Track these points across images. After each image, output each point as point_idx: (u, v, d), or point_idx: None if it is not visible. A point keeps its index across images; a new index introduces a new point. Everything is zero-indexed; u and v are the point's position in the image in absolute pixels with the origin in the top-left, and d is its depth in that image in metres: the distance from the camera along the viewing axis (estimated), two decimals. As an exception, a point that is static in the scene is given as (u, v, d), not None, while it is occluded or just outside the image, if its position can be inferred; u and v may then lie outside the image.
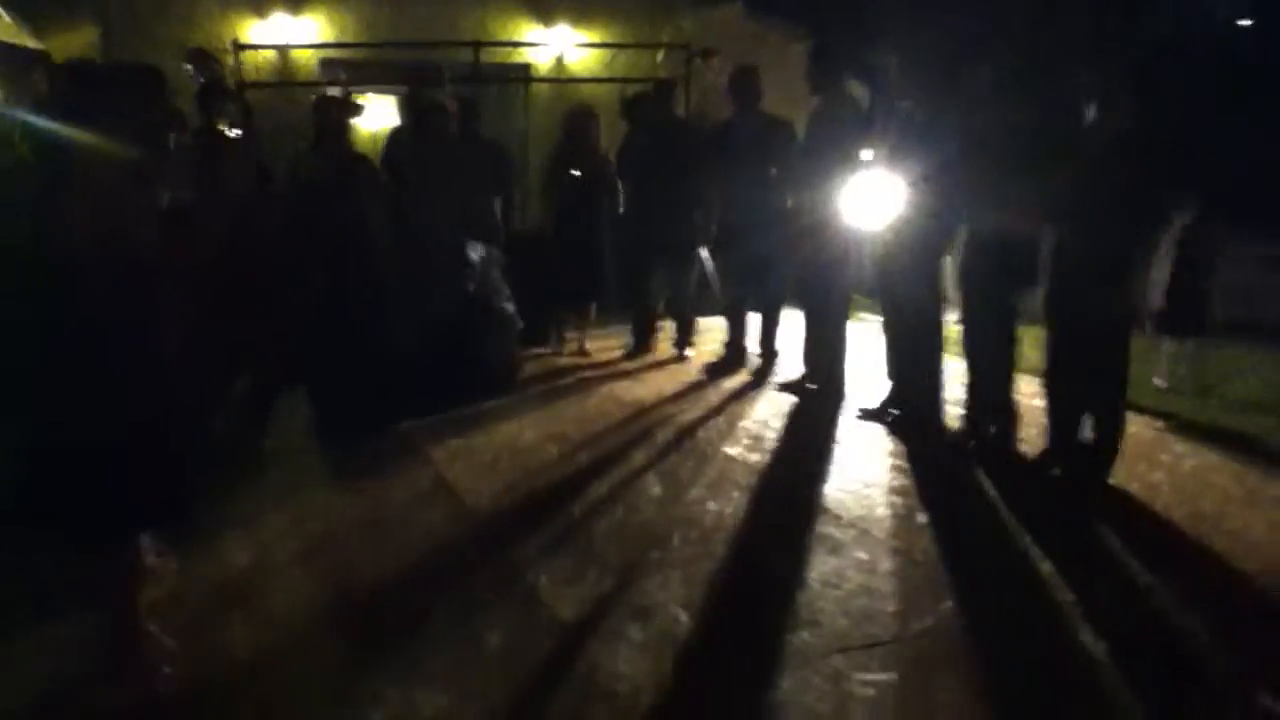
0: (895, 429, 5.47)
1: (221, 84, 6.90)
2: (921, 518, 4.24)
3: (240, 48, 9.19)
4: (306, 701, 2.94)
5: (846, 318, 6.19)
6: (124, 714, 2.85)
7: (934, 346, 5.41)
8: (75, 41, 10.78)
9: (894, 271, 5.47)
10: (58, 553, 3.15)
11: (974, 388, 5.19)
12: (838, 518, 4.24)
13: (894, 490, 4.57)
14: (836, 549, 3.92)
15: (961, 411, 5.27)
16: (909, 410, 5.53)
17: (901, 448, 5.19)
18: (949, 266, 5.77)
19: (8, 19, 10.20)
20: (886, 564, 3.80)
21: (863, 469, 4.87)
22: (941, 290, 5.50)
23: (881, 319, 5.78)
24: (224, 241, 3.12)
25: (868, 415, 5.69)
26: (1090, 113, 4.52)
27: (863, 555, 3.86)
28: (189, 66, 7.44)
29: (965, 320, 5.26)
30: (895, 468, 4.89)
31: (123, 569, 2.97)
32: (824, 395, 6.08)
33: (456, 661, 3.11)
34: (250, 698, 2.95)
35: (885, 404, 5.69)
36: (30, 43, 10.51)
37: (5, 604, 3.35)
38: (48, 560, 3.34)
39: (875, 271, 5.84)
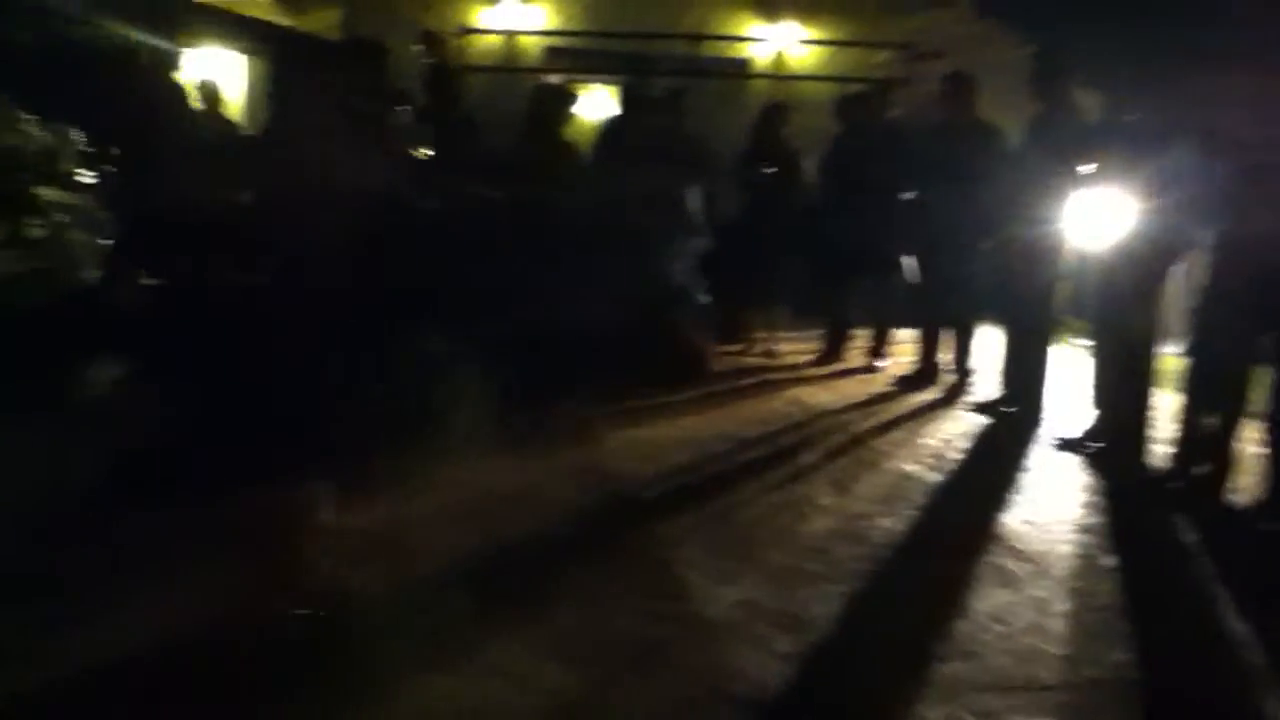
0: (1094, 463, 5.11)
1: (446, 68, 7.18)
2: (1109, 560, 3.93)
3: (467, 32, 9.53)
4: (428, 660, 2.97)
5: (1051, 340, 5.83)
6: (265, 652, 2.96)
7: (1147, 377, 5.03)
8: (321, 20, 11.52)
9: (1111, 294, 5.12)
10: (224, 494, 3.32)
11: (1188, 426, 4.77)
12: (1016, 550, 3.98)
13: (1083, 528, 4.26)
14: (1010, 583, 3.69)
15: (1170, 451, 4.87)
16: (1112, 444, 5.16)
17: (1099, 483, 4.84)
18: (1174, 292, 5.36)
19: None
20: (1062, 605, 3.54)
21: (1051, 502, 4.56)
22: (1160, 317, 5.09)
23: (1092, 344, 5.41)
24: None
25: (1066, 445, 5.34)
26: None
27: (1038, 593, 3.61)
28: (419, 48, 7.79)
29: (1195, 353, 4.81)
30: (1088, 504, 4.56)
31: (289, 512, 3.11)
32: (1019, 420, 5.76)
33: (586, 642, 3.08)
34: (377, 652, 3.01)
35: (1087, 435, 5.33)
36: (283, 20, 11.31)
37: (168, 541, 3.55)
38: (214, 501, 3.52)
39: (1092, 293, 5.46)
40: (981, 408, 5.98)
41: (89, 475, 3.89)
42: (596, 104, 10.39)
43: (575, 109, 7.17)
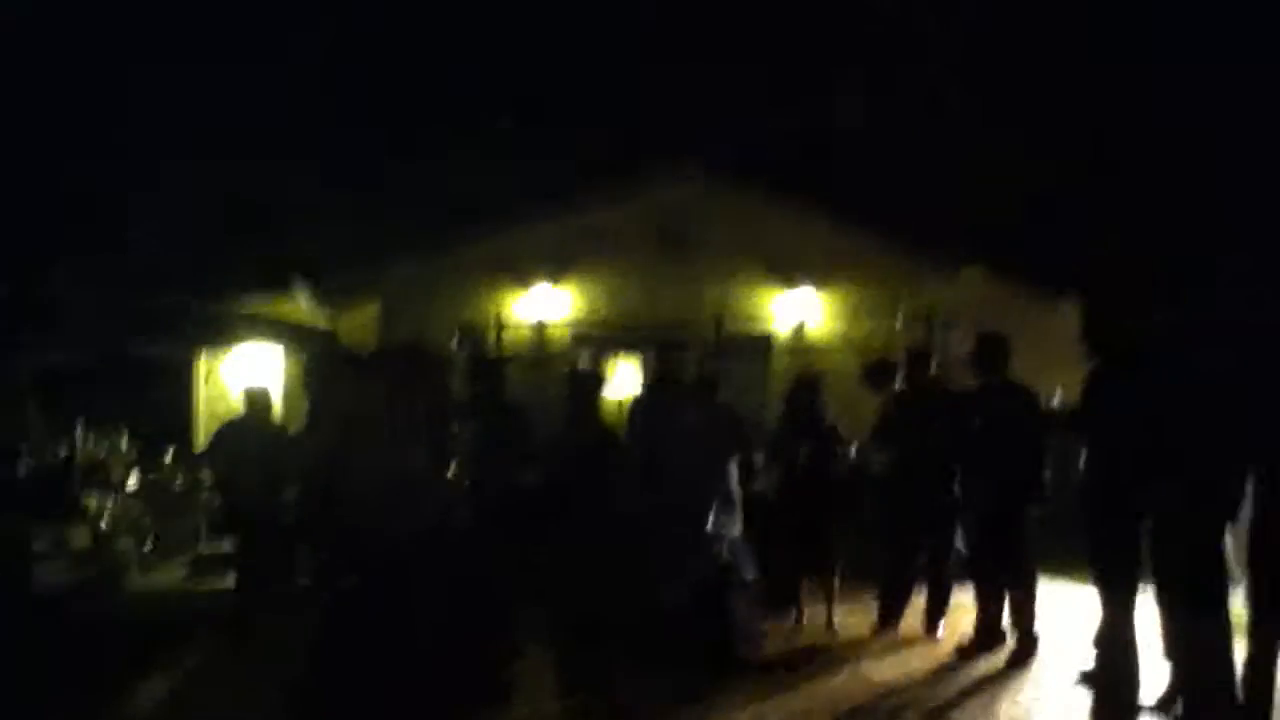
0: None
1: (486, 360, 7.48)
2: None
3: (503, 326, 9.94)
4: None
5: (1135, 596, 5.62)
6: None
7: (1220, 629, 4.88)
8: (359, 318, 12.09)
9: (1173, 546, 5.06)
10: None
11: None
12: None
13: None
14: None
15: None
16: (1199, 701, 4.93)
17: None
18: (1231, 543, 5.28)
19: (304, 303, 11.62)
20: None
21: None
22: (1226, 566, 4.98)
23: (1155, 595, 5.27)
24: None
25: (1151, 710, 5.11)
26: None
27: None
28: (455, 343, 8.15)
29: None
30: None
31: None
32: (1100, 682, 5.52)
33: None
34: None
35: (1170, 693, 5.11)
36: (322, 322, 11.89)
37: None
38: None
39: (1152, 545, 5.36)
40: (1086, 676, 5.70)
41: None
42: (624, 381, 10.68)
43: (605, 390, 7.42)
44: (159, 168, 15.14)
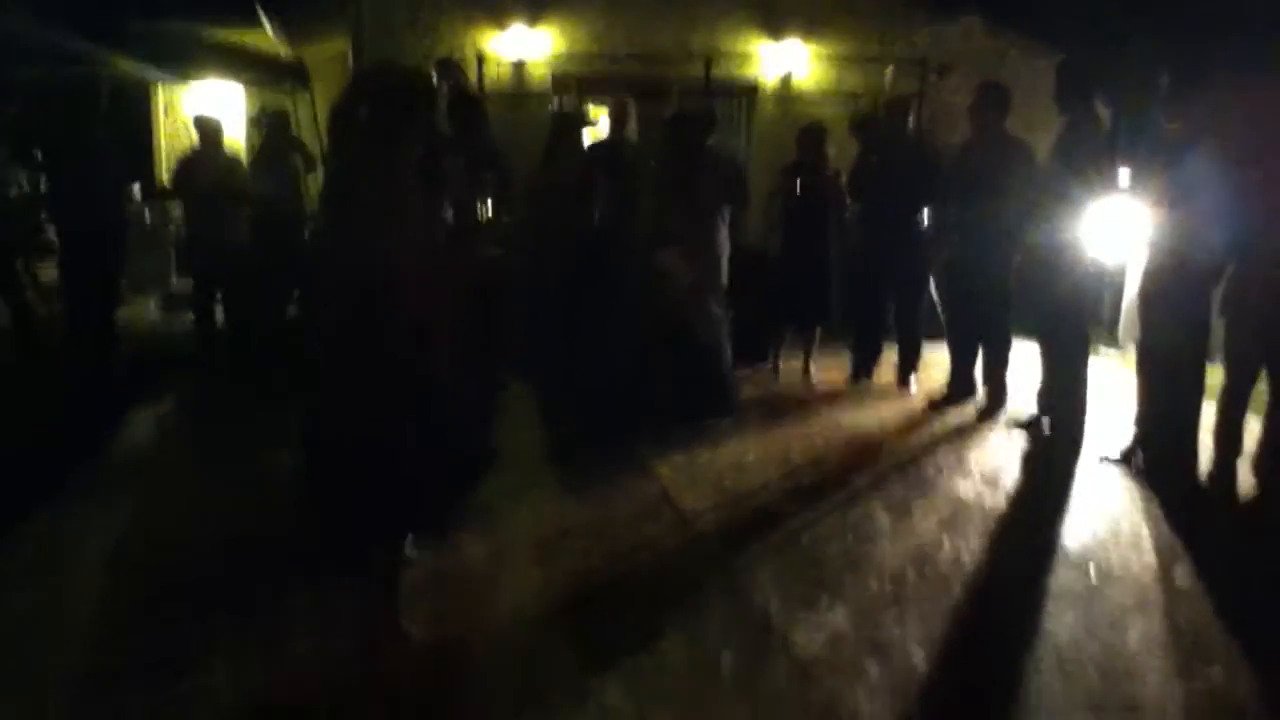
0: (1143, 476, 5.10)
1: (472, 94, 7.17)
2: (1182, 574, 3.91)
3: (483, 60, 9.51)
4: (534, 703, 2.98)
5: (1087, 354, 5.80)
6: (369, 691, 2.99)
7: (1192, 388, 5.03)
8: (326, 52, 11.46)
9: (1152, 305, 5.12)
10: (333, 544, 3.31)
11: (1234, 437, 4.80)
12: (1085, 567, 3.98)
13: (1148, 542, 4.24)
14: (1086, 601, 3.68)
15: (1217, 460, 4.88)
16: (1159, 456, 5.15)
17: (1152, 496, 4.82)
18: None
19: (269, 32, 10.97)
20: (1144, 622, 3.53)
21: (1110, 517, 4.55)
22: (1205, 327, 5.05)
23: (1136, 355, 5.40)
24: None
25: (1112, 460, 5.33)
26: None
27: (1116, 610, 3.61)
28: (436, 75, 7.76)
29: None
30: (1148, 516, 4.55)
31: (389, 563, 3.09)
32: (1061, 435, 5.73)
33: (690, 681, 3.08)
34: (476, 689, 3.05)
35: (1132, 448, 5.32)
36: (285, 52, 11.28)
37: (282, 589, 3.57)
38: (323, 551, 3.51)
39: (1137, 304, 5.44)
40: (1022, 425, 5.95)
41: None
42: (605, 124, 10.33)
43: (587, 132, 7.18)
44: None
